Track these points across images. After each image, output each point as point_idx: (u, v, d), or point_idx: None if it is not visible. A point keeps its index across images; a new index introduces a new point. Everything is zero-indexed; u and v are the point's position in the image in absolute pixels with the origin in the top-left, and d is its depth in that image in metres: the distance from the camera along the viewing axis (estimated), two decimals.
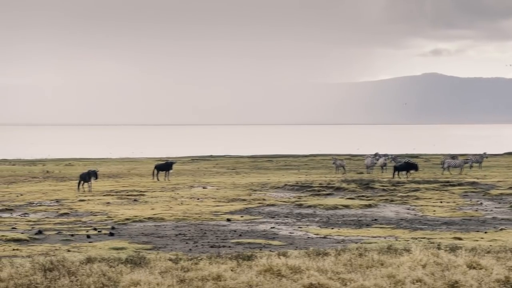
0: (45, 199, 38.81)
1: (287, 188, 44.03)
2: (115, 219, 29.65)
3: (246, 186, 46.01)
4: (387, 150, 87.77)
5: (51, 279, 15.14)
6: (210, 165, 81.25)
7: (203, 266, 16.57)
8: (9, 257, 19.21)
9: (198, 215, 30.97)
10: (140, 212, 31.94)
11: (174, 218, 29.96)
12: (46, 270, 15.87)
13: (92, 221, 29.37)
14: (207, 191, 42.85)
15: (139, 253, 19.49)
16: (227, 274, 15.70)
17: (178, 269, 16.29)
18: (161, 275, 15.63)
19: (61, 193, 42.52)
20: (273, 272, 15.91)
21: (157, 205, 35.01)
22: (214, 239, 24.14)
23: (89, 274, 15.58)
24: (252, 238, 24.39)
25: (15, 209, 34.05)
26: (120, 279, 15.22)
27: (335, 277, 15.59)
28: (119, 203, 36.36)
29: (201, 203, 35.99)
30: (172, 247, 22.20)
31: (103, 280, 15.07)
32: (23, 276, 15.47)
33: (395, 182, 46.02)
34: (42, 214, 32.00)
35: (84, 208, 33.92)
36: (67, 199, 38.56)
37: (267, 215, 31.82)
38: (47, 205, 35.68)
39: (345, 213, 32.66)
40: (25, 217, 30.88)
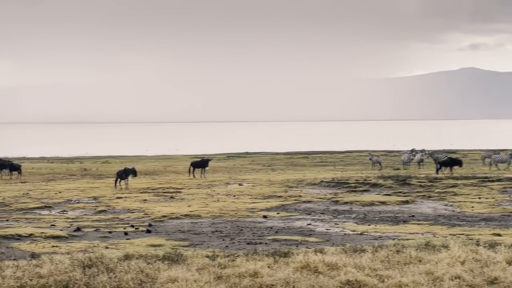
0: (83, 196, 39.19)
1: (323, 185, 43.90)
2: (152, 216, 29.82)
3: (282, 182, 45.98)
4: (424, 145, 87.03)
5: (90, 275, 15.27)
6: (246, 162, 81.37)
7: (240, 263, 16.59)
8: (48, 253, 19.42)
9: (235, 212, 31.03)
10: (176, 209, 32.09)
11: (210, 215, 30.06)
12: (85, 266, 16.01)
13: (129, 218, 29.58)
14: (243, 188, 42.90)
15: (176, 250, 19.55)
16: (264, 271, 15.70)
17: (215, 266, 16.33)
18: (198, 272, 15.68)
19: (99, 190, 42.89)
20: (310, 269, 15.88)
21: (193, 202, 35.15)
22: (250, 236, 24.17)
23: (127, 271, 15.68)
24: (289, 235, 24.37)
25: (54, 206, 34.43)
26: (158, 276, 15.30)
27: (373, 274, 15.51)
28: (156, 200, 36.58)
29: (237, 200, 36.06)
30: (208, 244, 22.27)
31: (141, 277, 15.15)
32: (63, 272, 15.62)
33: (433, 178, 45.61)
34: (80, 212, 32.31)
35: (121, 206, 34.17)
36: (105, 196, 38.89)
37: (303, 211, 31.76)
38: (85, 203, 36.02)
39: (382, 210, 32.47)
40: (64, 215, 31.20)
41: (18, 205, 34.60)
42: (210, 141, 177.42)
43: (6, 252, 20.36)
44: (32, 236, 23.68)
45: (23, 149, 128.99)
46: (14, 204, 35.31)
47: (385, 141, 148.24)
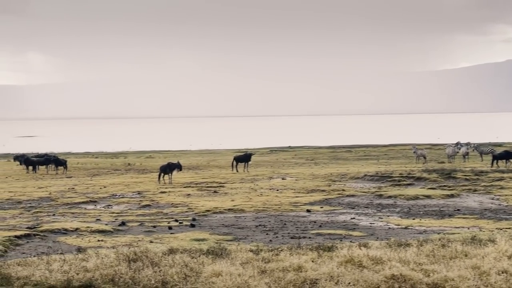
0: (127, 191, 39.51)
1: (366, 179, 43.63)
2: (196, 210, 29.93)
3: (325, 176, 45.82)
4: (469, 138, 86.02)
5: (135, 269, 15.40)
6: (289, 156, 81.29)
7: (284, 257, 16.58)
8: (94, 248, 19.63)
9: (278, 206, 31.00)
10: (220, 203, 32.17)
11: (254, 209, 30.07)
12: (130, 260, 16.15)
13: (173, 212, 29.74)
14: (286, 182, 42.85)
15: (220, 244, 19.62)
16: (308, 265, 15.66)
17: (259, 260, 16.35)
18: (242, 266, 15.70)
19: (143, 185, 43.20)
20: (354, 263, 15.80)
21: (237, 197, 35.20)
22: (294, 230, 24.12)
23: (171, 265, 15.78)
24: (332, 229, 24.27)
25: (99, 201, 34.78)
26: (202, 270, 15.36)
27: (418, 268, 15.37)
28: (199, 195, 36.72)
29: (281, 194, 36.02)
30: (252, 238, 22.28)
31: (186, 271, 15.23)
32: (108, 266, 15.78)
33: (478, 171, 45.01)
34: (124, 206, 32.57)
35: (165, 200, 34.37)
36: (149, 191, 39.16)
37: (347, 205, 31.61)
38: (129, 197, 36.31)
39: (426, 204, 32.16)
40: (109, 209, 31.50)
41: (64, 200, 35.04)
42: (253, 136, 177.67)
43: (53, 246, 20.62)
44: (78, 230, 23.93)
45: (69, 144, 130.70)
46: (60, 198, 35.77)
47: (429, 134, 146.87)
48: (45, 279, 14.99)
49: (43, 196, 37.11)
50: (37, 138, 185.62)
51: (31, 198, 36.19)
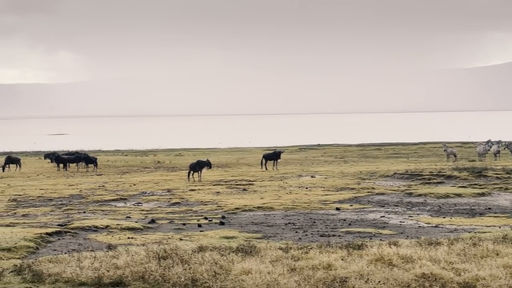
0: (157, 188, 39.69)
1: (396, 177, 43.43)
2: (225, 208, 29.98)
3: (355, 174, 45.67)
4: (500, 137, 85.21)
5: (165, 267, 15.45)
6: (318, 154, 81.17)
7: (313, 255, 16.54)
8: (124, 245, 19.74)
9: (307, 204, 30.95)
10: (249, 201, 32.19)
11: (283, 207, 30.05)
12: (160, 258, 16.21)
13: (202, 210, 29.81)
14: (316, 180, 42.78)
15: (250, 242, 19.62)
16: (337, 263, 15.61)
17: (289, 258, 16.32)
18: (271, 264, 15.69)
19: (172, 183, 43.37)
20: (384, 261, 15.71)
21: (266, 194, 35.20)
22: (323, 228, 24.06)
23: (201, 263, 15.81)
24: (362, 227, 24.17)
25: (129, 198, 34.98)
26: (232, 268, 15.37)
27: (449, 267, 15.24)
28: (229, 193, 36.78)
29: (310, 192, 35.96)
30: (282, 236, 22.26)
31: (215, 268, 15.25)
32: (138, 263, 15.85)
33: (510, 169, 44.55)
34: (154, 204, 32.72)
35: (194, 198, 34.47)
36: (178, 188, 39.30)
37: (376, 204, 31.47)
38: (159, 195, 36.48)
39: (457, 202, 31.91)
40: (139, 207, 31.66)
41: (94, 197, 35.30)
42: (282, 134, 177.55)
43: (83, 243, 20.77)
44: (108, 227, 24.07)
45: (98, 142, 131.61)
46: (90, 196, 36.05)
47: (460, 132, 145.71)
48: (76, 276, 15.10)
49: (73, 194, 37.41)
50: (67, 136, 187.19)
51: (62, 196, 36.51)
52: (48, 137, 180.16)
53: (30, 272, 15.50)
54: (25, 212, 29.92)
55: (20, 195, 37.23)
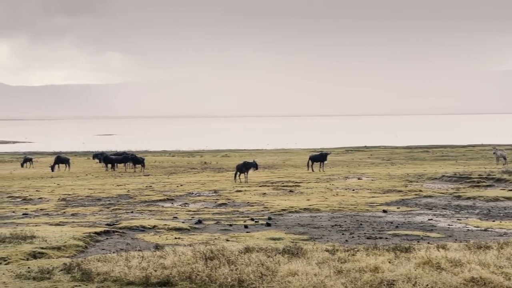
0: (203, 189, 39.85)
1: (444, 179, 42.93)
2: (271, 209, 29.95)
3: (402, 177, 45.27)
4: None
5: (212, 267, 15.51)
6: (365, 156, 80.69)
7: (360, 257, 16.44)
8: (171, 245, 19.85)
9: (354, 206, 30.78)
10: (295, 203, 32.13)
11: (329, 209, 29.93)
12: (207, 258, 16.27)
13: (249, 211, 29.84)
14: (362, 182, 42.52)
15: (296, 243, 19.58)
16: (384, 266, 15.49)
17: (335, 260, 16.25)
18: (318, 266, 15.64)
19: (219, 183, 43.52)
20: (432, 264, 15.54)
21: (312, 196, 35.11)
22: (370, 231, 23.90)
23: (248, 264, 15.83)
24: (409, 230, 23.93)
25: (175, 199, 35.20)
26: (278, 269, 15.36)
27: (498, 271, 15.02)
28: (275, 194, 36.76)
29: (356, 194, 35.76)
30: (328, 238, 22.17)
31: (262, 270, 15.26)
32: (185, 264, 15.94)
33: None
34: (201, 204, 32.86)
35: (241, 199, 34.53)
36: (225, 189, 39.41)
37: (424, 206, 31.13)
38: (206, 196, 36.63)
39: (507, 205, 31.40)
40: (185, 207, 31.82)
41: (142, 198, 35.59)
42: (328, 135, 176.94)
43: (131, 243, 20.95)
44: (155, 228, 24.23)
45: (146, 143, 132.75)
46: (138, 196, 36.36)
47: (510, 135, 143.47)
48: (124, 275, 15.24)
49: (121, 194, 37.79)
50: (115, 137, 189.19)
51: (110, 196, 36.90)
52: (97, 137, 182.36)
53: (80, 271, 15.69)
54: (74, 211, 30.32)
55: (69, 194, 37.75)
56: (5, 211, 30.73)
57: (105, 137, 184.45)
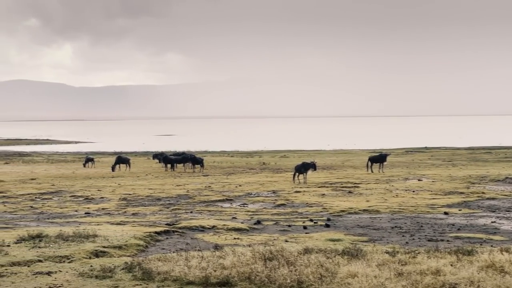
0: (262, 190, 39.89)
1: (508, 181, 42.12)
2: (330, 210, 29.81)
3: (464, 178, 44.57)
4: None
5: (271, 268, 15.49)
6: (425, 157, 79.69)
7: (421, 260, 16.23)
8: (231, 245, 19.91)
9: (414, 207, 30.41)
10: (355, 204, 31.91)
11: (389, 210, 29.64)
12: (266, 259, 16.25)
13: (307, 212, 29.75)
14: (423, 184, 42.00)
15: (356, 245, 19.44)
16: (446, 269, 15.25)
17: (395, 262, 16.07)
18: (378, 268, 15.48)
19: (277, 184, 43.51)
20: (495, 268, 15.24)
21: (371, 197, 34.82)
22: (431, 233, 23.57)
23: (307, 265, 15.77)
24: (472, 233, 23.52)
25: (234, 199, 35.30)
26: (338, 271, 15.26)
27: None
28: (334, 195, 36.58)
29: (417, 196, 35.33)
30: (388, 240, 21.94)
31: (321, 271, 15.18)
32: (245, 264, 15.95)
33: None
34: (260, 205, 32.89)
35: (299, 200, 34.45)
36: (283, 190, 39.37)
37: (486, 209, 30.58)
38: (264, 196, 36.65)
39: None
40: (244, 207, 31.89)
41: (201, 198, 35.81)
42: (387, 136, 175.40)
43: (191, 243, 21.07)
44: (214, 228, 24.33)
45: (205, 143, 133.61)
46: (197, 196, 36.59)
47: None
48: (184, 275, 15.33)
49: (181, 194, 38.08)
50: (174, 137, 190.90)
51: (170, 196, 37.22)
52: (156, 138, 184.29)
53: (140, 270, 15.84)
54: (135, 211, 30.67)
55: (130, 194, 38.22)
56: (68, 210, 31.27)
57: (164, 138, 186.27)
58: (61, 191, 41.11)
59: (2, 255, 18.00)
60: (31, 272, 16.21)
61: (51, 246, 19.21)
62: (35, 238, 20.36)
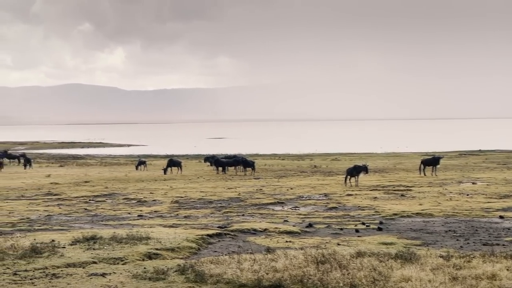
0: (313, 193, 39.78)
1: None
2: (383, 214, 29.57)
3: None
4: None
5: (324, 271, 15.42)
6: (479, 160, 78.56)
7: (476, 264, 16.00)
8: (283, 248, 19.87)
9: (468, 211, 29.97)
10: (407, 207, 31.60)
11: (442, 214, 29.26)
12: (318, 262, 16.20)
13: (359, 215, 29.55)
14: (477, 187, 41.40)
15: (409, 248, 19.23)
16: (502, 273, 15.01)
17: (450, 266, 15.87)
18: (432, 272, 15.31)
19: (329, 187, 43.35)
20: None
21: (424, 201, 34.44)
22: (486, 237, 23.20)
23: (360, 268, 15.67)
24: None
25: (286, 202, 35.26)
26: (391, 274, 15.12)
27: None
28: (386, 198, 36.29)
29: (471, 199, 34.83)
30: (442, 244, 21.65)
31: (374, 275, 15.06)
32: (297, 267, 15.92)
33: None
34: (311, 208, 32.79)
35: (351, 203, 34.27)
36: (335, 193, 39.21)
37: None
38: (316, 199, 36.54)
39: None
40: (296, 210, 31.83)
41: (252, 201, 35.86)
42: (440, 139, 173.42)
43: (243, 245, 21.10)
44: (266, 231, 24.31)
45: (256, 146, 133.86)
46: (248, 199, 36.66)
47: None
48: (237, 277, 15.36)
49: (232, 197, 38.20)
50: (225, 140, 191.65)
51: (221, 198, 37.35)
52: (207, 141, 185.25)
53: (193, 272, 15.92)
54: (187, 213, 30.85)
55: (181, 197, 38.47)
56: (121, 212, 31.62)
57: (215, 141, 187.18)
58: (114, 193, 41.59)
59: (57, 256, 18.28)
60: (86, 273, 16.43)
61: (105, 248, 19.43)
62: (90, 240, 20.63)
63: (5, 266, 17.01)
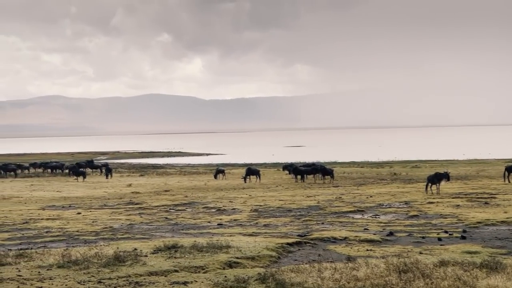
0: (393, 201, 39.27)
1: None
2: (466, 222, 28.95)
3: None
4: None
5: (406, 280, 15.18)
6: None
7: None
8: (363, 257, 19.66)
9: None
10: (492, 215, 30.85)
11: None
12: (400, 271, 15.95)
13: (442, 223, 29.00)
14: None
15: (494, 257, 18.74)
16: None
17: None
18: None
19: (409, 195, 42.74)
20: None
21: (510, 208, 33.55)
22: None
23: (443, 277, 15.36)
24: None
25: (366, 210, 34.92)
26: (476, 284, 14.77)
27: None
28: (469, 206, 35.53)
29: None
30: None
31: (458, 284, 14.74)
32: (379, 276, 15.71)
33: None
34: (392, 216, 32.36)
35: (433, 211, 33.67)
36: (416, 201, 38.62)
37: None
38: (396, 207, 36.06)
39: None
40: (376, 219, 31.47)
41: (332, 209, 35.64)
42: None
43: (323, 254, 20.97)
44: (346, 239, 24.10)
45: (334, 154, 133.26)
46: (328, 207, 36.45)
47: None
48: (318, 286, 15.25)
49: (311, 205, 38.06)
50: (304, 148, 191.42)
51: (300, 207, 37.24)
52: (285, 149, 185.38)
53: (274, 281, 15.88)
54: (266, 222, 30.85)
55: (260, 205, 38.54)
56: (201, 221, 31.87)
57: (293, 149, 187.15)
58: (194, 202, 41.98)
59: (140, 265, 18.53)
60: (168, 281, 16.58)
61: (186, 257, 19.59)
62: (171, 248, 20.83)
63: (90, 274, 17.32)
